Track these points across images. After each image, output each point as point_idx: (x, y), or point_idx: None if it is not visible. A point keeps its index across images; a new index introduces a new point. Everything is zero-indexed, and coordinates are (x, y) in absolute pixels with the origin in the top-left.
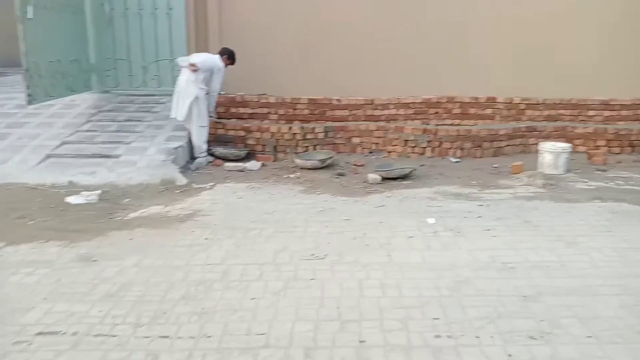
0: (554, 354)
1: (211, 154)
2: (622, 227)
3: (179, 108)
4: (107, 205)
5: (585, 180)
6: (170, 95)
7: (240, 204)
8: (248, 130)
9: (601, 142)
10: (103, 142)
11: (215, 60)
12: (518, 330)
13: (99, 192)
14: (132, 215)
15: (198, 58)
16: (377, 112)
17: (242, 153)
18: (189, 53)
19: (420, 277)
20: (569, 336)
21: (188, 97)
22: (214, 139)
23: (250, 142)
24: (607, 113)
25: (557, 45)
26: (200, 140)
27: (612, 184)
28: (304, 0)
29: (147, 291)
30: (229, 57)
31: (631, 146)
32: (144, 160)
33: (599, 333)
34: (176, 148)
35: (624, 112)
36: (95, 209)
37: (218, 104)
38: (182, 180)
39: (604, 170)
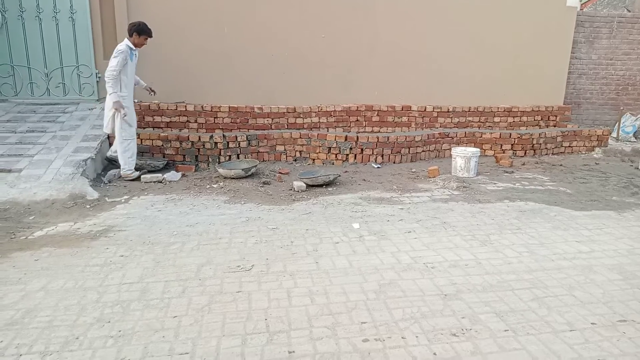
0: (476, 350)
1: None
2: (529, 225)
3: (105, 121)
4: (8, 224)
5: (495, 181)
6: (78, 103)
7: (159, 217)
8: (166, 140)
9: (507, 146)
10: (1, 156)
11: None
12: (441, 328)
13: None
14: (38, 234)
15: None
16: (299, 120)
17: (160, 164)
18: (96, 59)
19: (347, 282)
20: (488, 331)
21: (109, 107)
22: None
23: (169, 152)
24: (510, 119)
25: (465, 59)
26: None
27: (518, 184)
28: (225, 4)
29: (55, 316)
30: (139, 32)
31: (533, 149)
32: (50, 174)
33: (515, 326)
34: (85, 160)
35: (524, 119)
36: None
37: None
38: (93, 194)
39: (511, 172)
